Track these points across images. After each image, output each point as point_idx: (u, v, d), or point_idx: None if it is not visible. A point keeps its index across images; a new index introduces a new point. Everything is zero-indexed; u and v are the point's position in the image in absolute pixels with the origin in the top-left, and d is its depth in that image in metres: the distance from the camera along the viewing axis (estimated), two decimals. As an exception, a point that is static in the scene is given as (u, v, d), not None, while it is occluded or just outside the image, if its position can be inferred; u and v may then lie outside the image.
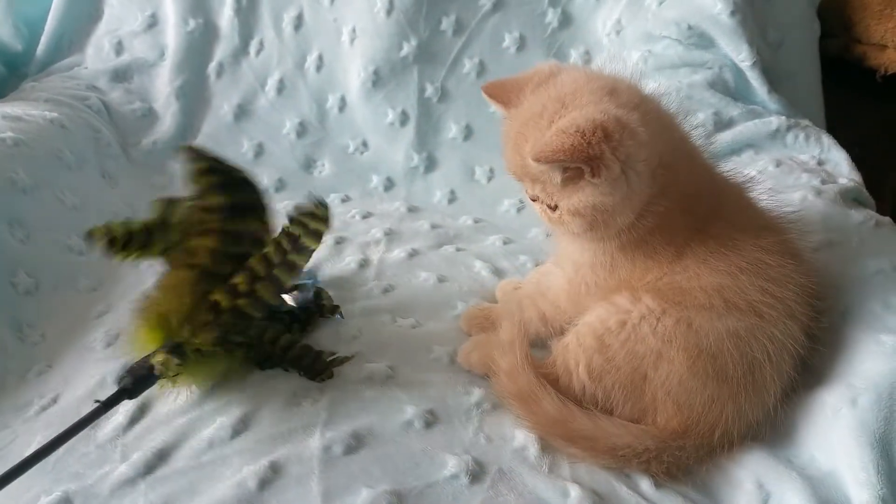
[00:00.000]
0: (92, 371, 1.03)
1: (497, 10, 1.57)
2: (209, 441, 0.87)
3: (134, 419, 0.93)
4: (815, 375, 0.89)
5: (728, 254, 0.86)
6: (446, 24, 1.58)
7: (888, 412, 0.79)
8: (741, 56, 1.42)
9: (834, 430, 0.82)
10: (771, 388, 0.86)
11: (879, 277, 0.93)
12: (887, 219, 1.08)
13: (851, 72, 1.64)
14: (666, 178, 0.84)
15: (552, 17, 1.57)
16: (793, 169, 1.26)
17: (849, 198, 1.13)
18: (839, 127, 1.59)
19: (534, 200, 0.90)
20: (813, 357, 0.90)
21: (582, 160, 0.78)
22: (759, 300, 0.84)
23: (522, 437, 0.88)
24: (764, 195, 1.00)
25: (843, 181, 1.21)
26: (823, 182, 1.19)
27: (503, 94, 0.92)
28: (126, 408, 0.95)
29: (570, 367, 0.90)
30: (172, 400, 0.95)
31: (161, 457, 0.86)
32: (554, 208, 0.86)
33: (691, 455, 0.84)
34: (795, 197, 1.11)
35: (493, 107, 0.95)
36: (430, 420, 0.90)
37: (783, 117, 1.40)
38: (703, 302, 0.85)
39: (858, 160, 1.36)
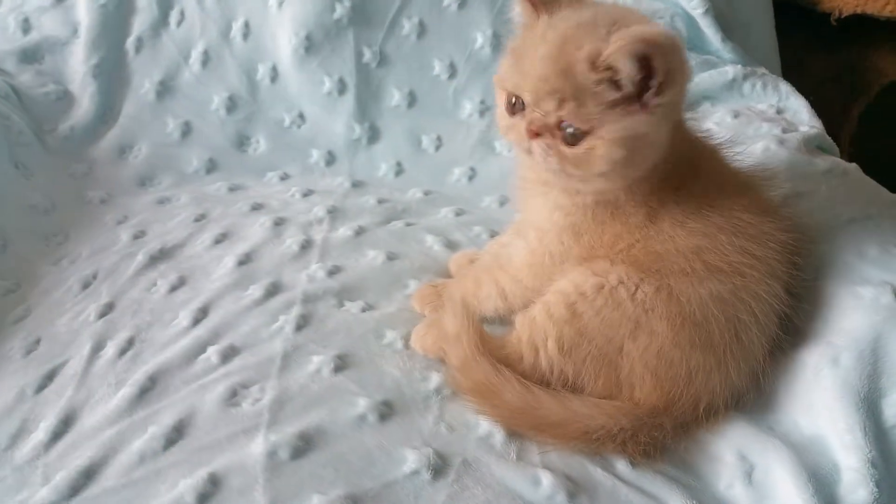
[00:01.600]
0: (9, 383, 0.94)
1: (435, -34, 1.47)
2: (140, 454, 0.79)
3: (56, 434, 0.85)
4: (792, 334, 0.84)
5: (707, 214, 0.81)
6: (381, -19, 1.48)
7: (871, 369, 0.75)
8: (692, 4, 1.36)
9: (816, 393, 0.77)
10: (758, 351, 0.81)
11: (852, 226, 0.89)
12: (853, 165, 1.04)
13: (803, 16, 1.59)
14: None
15: (494, -31, 1.47)
16: (752, 119, 1.21)
17: (812, 145, 1.09)
18: (793, 74, 1.55)
19: (536, 135, 0.77)
20: (797, 315, 0.85)
21: (659, 71, 0.70)
22: (740, 261, 0.79)
23: (487, 424, 0.81)
24: (736, 155, 0.94)
25: (804, 129, 1.17)
26: (784, 131, 1.14)
27: None
28: (47, 422, 0.86)
29: (538, 343, 0.83)
30: (101, 408, 0.86)
31: (88, 476, 0.78)
32: (575, 142, 0.75)
33: (669, 433, 0.79)
34: (757, 148, 1.06)
35: (521, 7, 0.80)
36: (386, 412, 0.83)
37: (739, 66, 1.35)
38: (682, 267, 0.79)
39: (814, 108, 1.32)
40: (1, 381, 0.94)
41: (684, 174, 0.83)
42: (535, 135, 0.77)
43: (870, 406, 0.74)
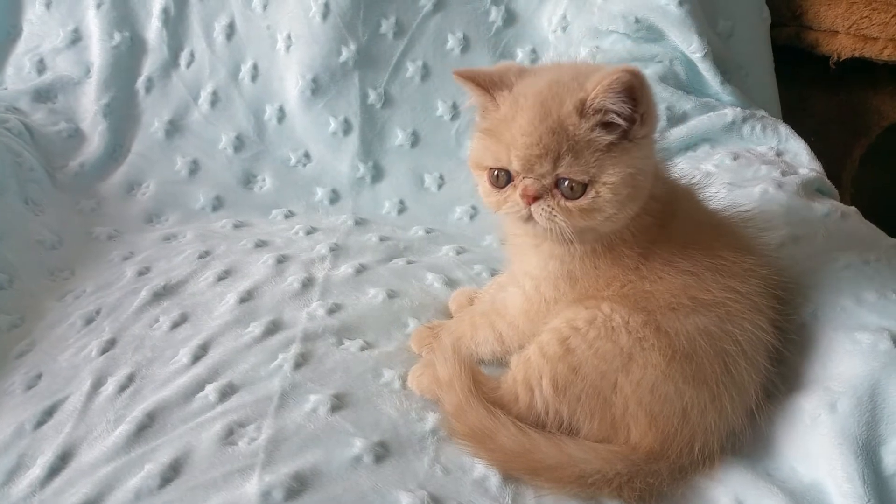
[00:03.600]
0: (9, 418, 0.94)
1: (438, 11, 1.51)
2: (136, 492, 0.79)
3: (53, 470, 0.85)
4: (790, 380, 0.84)
5: (692, 253, 0.82)
6: (386, 26, 1.51)
7: (870, 416, 0.74)
8: (692, 47, 1.37)
9: (814, 439, 0.76)
10: (750, 386, 0.81)
11: (849, 272, 0.89)
12: (852, 209, 1.04)
13: (803, 59, 1.61)
14: None
15: (496, 15, 1.51)
16: (751, 161, 1.22)
17: (811, 189, 1.09)
18: (793, 116, 1.56)
19: (535, 199, 0.77)
20: (787, 348, 0.85)
21: (642, 100, 0.75)
22: (725, 296, 0.80)
23: (483, 467, 0.81)
24: (720, 192, 0.97)
25: (803, 171, 1.17)
26: (784, 174, 1.14)
27: (484, 79, 0.82)
28: (44, 458, 0.86)
29: (532, 383, 0.83)
30: (99, 445, 0.86)
31: (82, 515, 0.77)
32: (575, 195, 0.76)
33: (665, 479, 0.78)
34: (756, 191, 1.07)
35: (471, 91, 0.83)
36: (381, 453, 0.83)
37: (738, 109, 1.36)
38: (668, 303, 0.80)
39: (815, 149, 1.32)
40: (0, 417, 0.94)
41: (665, 213, 0.84)
42: (534, 199, 0.77)
43: (868, 454, 0.73)
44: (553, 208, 0.77)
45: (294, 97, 1.54)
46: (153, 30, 1.59)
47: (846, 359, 0.79)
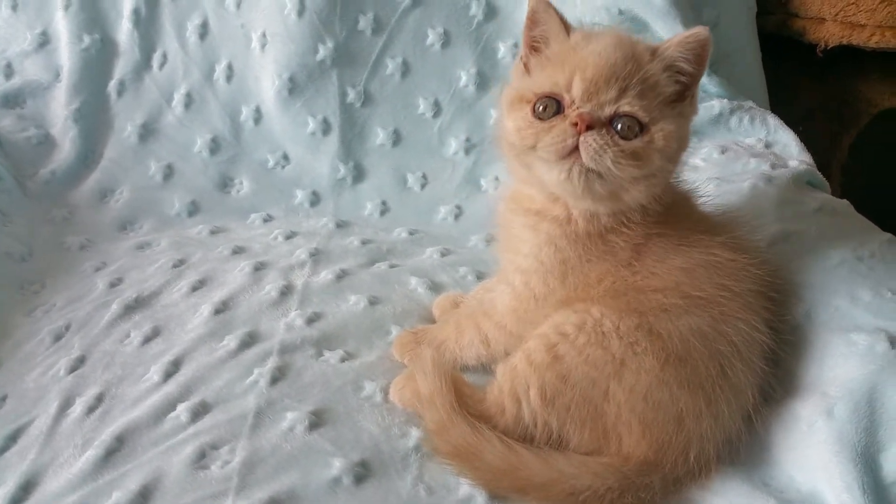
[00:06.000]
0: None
1: (417, 6, 1.46)
2: (103, 524, 0.75)
3: (16, 501, 0.81)
4: (786, 382, 0.80)
5: (685, 250, 0.80)
6: (364, 22, 1.47)
7: (868, 422, 0.71)
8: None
9: (811, 447, 0.73)
10: (747, 388, 0.78)
11: (843, 269, 0.85)
12: (845, 202, 1.01)
13: (790, 48, 1.58)
14: None
15: (476, 9, 1.46)
16: (739, 155, 1.19)
17: (802, 182, 1.06)
18: (781, 105, 1.53)
19: (589, 128, 0.73)
20: (783, 349, 0.82)
21: (704, 63, 0.78)
22: (718, 294, 0.78)
23: (468, 486, 0.77)
24: (708, 187, 0.96)
25: (793, 164, 1.14)
26: (773, 166, 1.11)
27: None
28: (5, 489, 0.82)
29: (519, 393, 0.80)
30: (64, 472, 0.82)
31: (45, 548, 0.74)
32: (635, 134, 0.74)
33: (658, 492, 0.75)
34: (745, 186, 1.04)
35: (544, 18, 0.80)
36: (362, 473, 0.80)
37: (725, 100, 1.33)
38: (660, 303, 0.78)
39: (803, 138, 1.29)
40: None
41: (663, 212, 0.82)
42: (587, 128, 0.73)
43: (867, 461, 0.70)
44: (606, 142, 0.73)
45: (271, 97, 1.49)
46: (124, 31, 1.54)
47: (842, 362, 0.76)
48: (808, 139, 1.29)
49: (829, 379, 0.76)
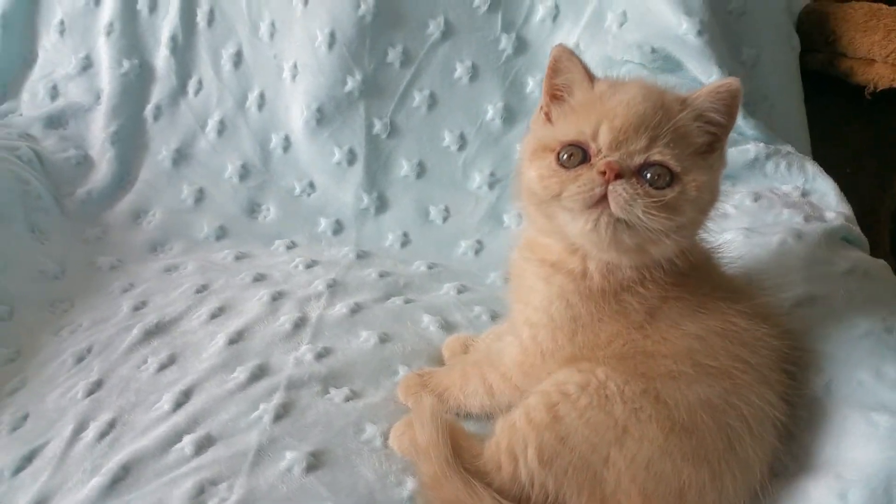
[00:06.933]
0: (-11, 461, 0.92)
1: (447, 39, 1.46)
2: (100, 559, 0.76)
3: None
4: (800, 458, 0.76)
5: (702, 316, 0.77)
6: (393, 55, 1.47)
7: (885, 511, 0.66)
8: (711, 79, 1.29)
9: (821, 532, 0.69)
10: (755, 465, 0.74)
11: (869, 340, 0.80)
12: (881, 263, 0.95)
13: (838, 85, 1.52)
14: None
15: (506, 43, 1.45)
16: (773, 203, 1.14)
17: (836, 238, 1.00)
18: (827, 147, 1.47)
19: (617, 178, 0.71)
20: (797, 423, 0.78)
21: (734, 115, 0.76)
22: (732, 365, 0.75)
23: (458, 544, 0.75)
24: (737, 239, 0.96)
25: (830, 215, 1.09)
26: (807, 219, 1.06)
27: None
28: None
29: (517, 452, 0.77)
30: (71, 497, 0.84)
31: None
32: (666, 184, 0.71)
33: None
34: (773, 240, 0.99)
35: (568, 67, 0.79)
36: (354, 523, 0.78)
37: (761, 144, 1.27)
38: (669, 370, 0.75)
39: (850, 181, 1.23)
40: (-17, 459, 0.92)
41: (682, 273, 0.79)
42: (617, 176, 0.71)
43: (882, 553, 0.65)
44: (637, 191, 0.70)
45: (299, 126, 1.51)
46: (162, 57, 1.59)
47: (861, 442, 0.71)
48: (855, 183, 1.23)
49: (845, 460, 0.71)
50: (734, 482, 0.73)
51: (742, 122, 1.31)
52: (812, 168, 1.24)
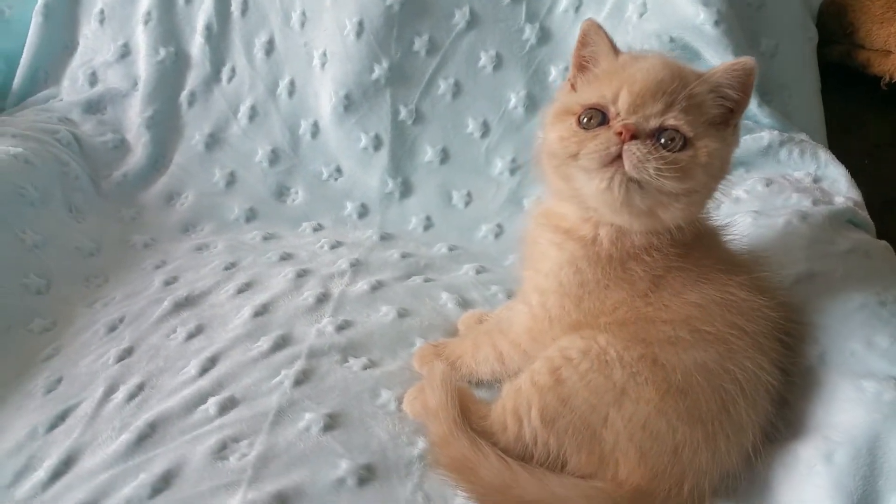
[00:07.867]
0: (25, 420, 0.98)
1: (472, 28, 1.51)
2: (127, 501, 0.82)
3: (56, 474, 0.88)
4: (793, 424, 0.79)
5: (702, 286, 0.80)
6: (419, 44, 1.52)
7: (867, 470, 0.69)
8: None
9: (809, 490, 0.72)
10: (748, 427, 0.77)
11: (863, 313, 0.83)
12: (882, 244, 0.97)
13: (858, 77, 1.53)
14: None
15: (530, 33, 1.49)
16: (783, 188, 1.16)
17: (841, 220, 1.03)
18: (846, 138, 1.48)
19: (634, 137, 0.74)
20: (791, 391, 0.81)
21: (749, 92, 0.79)
22: (727, 331, 0.78)
23: (463, 499, 0.80)
24: (745, 220, 0.98)
25: (839, 200, 1.11)
26: (815, 202, 1.08)
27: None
28: (50, 462, 0.90)
29: (521, 413, 0.82)
30: (101, 452, 0.90)
31: (75, 518, 0.80)
32: (679, 148, 0.74)
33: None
34: (779, 222, 1.01)
35: (595, 39, 0.83)
36: (366, 476, 0.84)
37: (776, 132, 1.30)
38: (667, 335, 0.78)
39: (868, 173, 1.24)
40: (19, 418, 0.99)
41: (687, 245, 0.82)
42: (633, 137, 0.74)
43: (864, 510, 0.68)
44: (650, 151, 0.73)
45: (328, 113, 1.56)
46: (197, 45, 1.64)
47: (848, 407, 0.74)
48: (873, 173, 1.24)
49: (833, 423, 0.74)
50: (727, 442, 0.76)
51: (757, 111, 1.33)
52: (825, 155, 1.27)
